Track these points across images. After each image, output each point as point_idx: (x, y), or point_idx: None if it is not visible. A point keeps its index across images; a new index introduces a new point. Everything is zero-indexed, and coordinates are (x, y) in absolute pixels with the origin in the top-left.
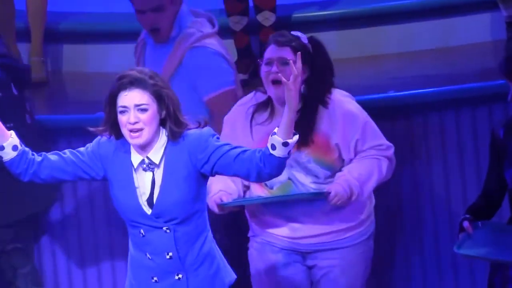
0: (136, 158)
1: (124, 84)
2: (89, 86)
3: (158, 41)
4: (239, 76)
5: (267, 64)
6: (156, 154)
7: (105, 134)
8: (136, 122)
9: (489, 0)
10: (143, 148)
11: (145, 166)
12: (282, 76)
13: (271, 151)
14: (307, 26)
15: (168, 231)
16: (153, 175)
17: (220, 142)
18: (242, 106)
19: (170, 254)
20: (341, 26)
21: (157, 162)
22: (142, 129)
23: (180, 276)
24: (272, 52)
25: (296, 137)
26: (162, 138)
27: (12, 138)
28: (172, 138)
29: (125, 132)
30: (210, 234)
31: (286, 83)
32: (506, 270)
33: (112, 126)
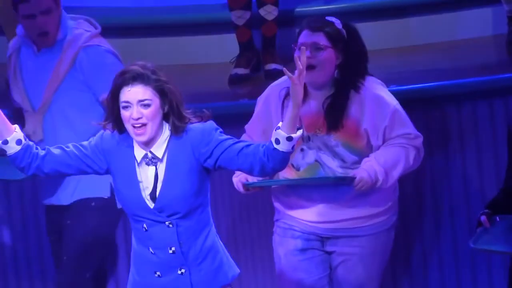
0: (139, 152)
1: (126, 79)
2: None
3: (45, 45)
4: (241, 70)
5: (300, 49)
6: (159, 148)
7: (108, 128)
8: (139, 117)
9: None
10: (146, 142)
11: (148, 160)
12: (314, 61)
13: (275, 146)
14: None
15: (170, 226)
16: (156, 170)
17: (223, 136)
18: (276, 86)
19: (173, 248)
20: (344, 20)
21: (160, 156)
22: (145, 124)
23: (183, 270)
24: (305, 37)
25: (300, 131)
26: (165, 133)
27: (16, 132)
28: (175, 133)
29: (128, 127)
30: (213, 228)
31: (291, 78)
32: None
33: (115, 121)
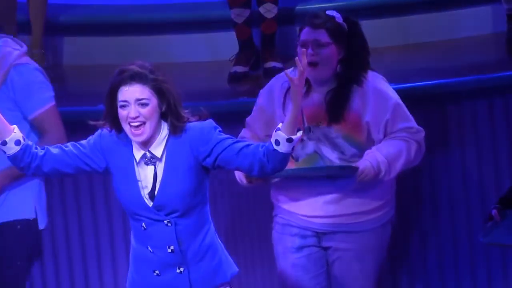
0: (137, 152)
1: (124, 78)
2: (90, 79)
3: None
4: (241, 68)
5: (303, 46)
6: (157, 148)
7: (105, 128)
8: (136, 116)
9: None
10: (144, 142)
11: (147, 160)
12: (316, 58)
13: (275, 147)
14: None
15: (169, 224)
16: (155, 169)
17: (222, 135)
18: (279, 78)
19: (172, 247)
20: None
21: (159, 156)
22: (143, 123)
23: (181, 269)
24: (307, 34)
25: (300, 133)
26: (163, 132)
27: (15, 133)
28: (174, 132)
29: (126, 127)
30: (212, 227)
31: (291, 80)
32: None
33: (113, 120)
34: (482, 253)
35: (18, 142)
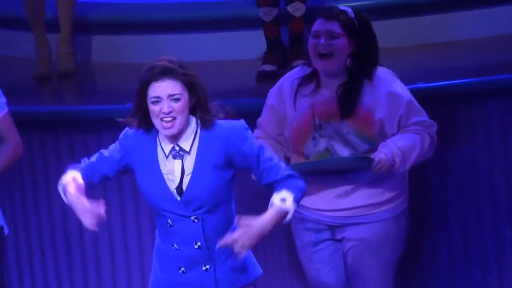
0: (166, 145)
1: (155, 75)
2: (118, 77)
3: None
4: (269, 67)
5: (315, 37)
6: (186, 141)
7: (133, 125)
8: (170, 111)
9: None
10: (174, 136)
11: (175, 153)
12: (329, 49)
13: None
14: None
15: (196, 221)
16: (182, 163)
17: (255, 142)
18: (288, 78)
19: (199, 244)
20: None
21: (187, 149)
22: (175, 118)
23: (207, 267)
24: (320, 25)
25: (291, 212)
26: (192, 126)
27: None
28: (203, 126)
29: (157, 122)
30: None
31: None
32: None
33: (142, 117)
34: (493, 247)
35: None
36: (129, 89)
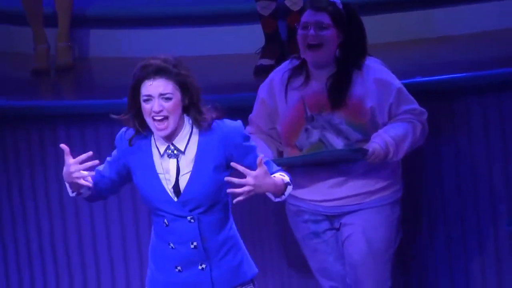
0: (161, 145)
1: (149, 73)
2: (116, 71)
3: None
4: (267, 61)
5: (304, 28)
6: (181, 141)
7: (127, 123)
8: (160, 110)
9: None
10: (168, 136)
11: (170, 152)
12: (319, 40)
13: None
14: None
15: (192, 221)
16: (177, 162)
17: (252, 143)
18: (278, 72)
19: (195, 243)
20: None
21: (182, 149)
22: (166, 117)
23: (203, 266)
24: (309, 16)
25: (290, 188)
26: (187, 126)
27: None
28: (197, 126)
29: (149, 121)
30: (234, 225)
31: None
32: None
33: (135, 114)
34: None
35: (89, 188)
36: (127, 83)
